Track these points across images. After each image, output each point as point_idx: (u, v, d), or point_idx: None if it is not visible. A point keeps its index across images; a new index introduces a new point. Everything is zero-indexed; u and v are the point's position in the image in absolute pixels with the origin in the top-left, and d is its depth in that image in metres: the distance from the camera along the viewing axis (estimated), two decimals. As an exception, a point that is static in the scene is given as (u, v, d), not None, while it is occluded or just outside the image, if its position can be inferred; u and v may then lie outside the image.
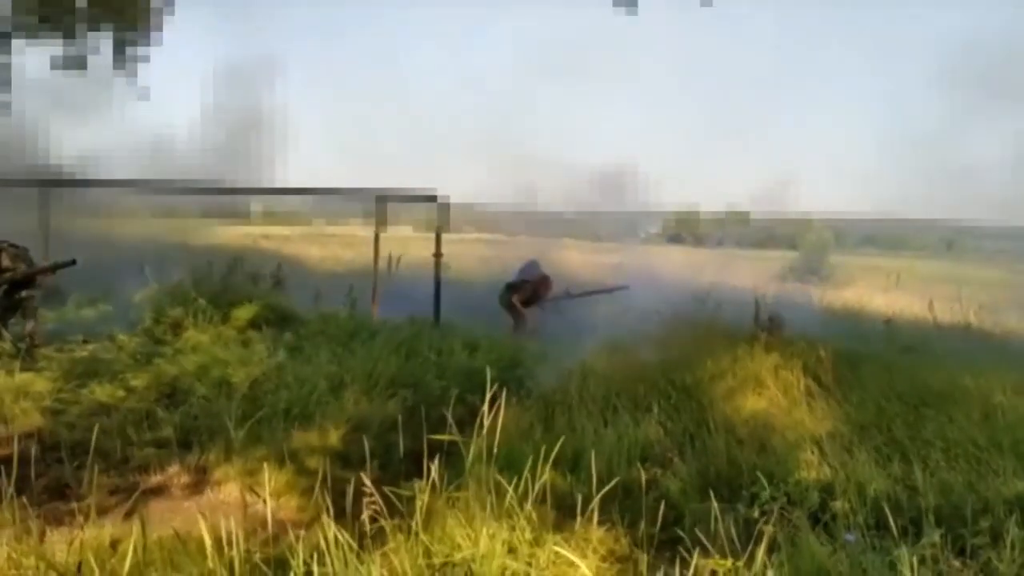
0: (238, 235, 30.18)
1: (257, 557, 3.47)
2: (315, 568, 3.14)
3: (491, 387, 4.58)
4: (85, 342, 9.59)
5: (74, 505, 5.00)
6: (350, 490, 3.78)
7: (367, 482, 3.62)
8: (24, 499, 4.57)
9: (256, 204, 48.02)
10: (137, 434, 6.51)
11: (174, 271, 12.69)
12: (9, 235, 9.88)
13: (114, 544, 4.03)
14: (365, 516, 3.57)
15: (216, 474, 5.92)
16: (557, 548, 3.35)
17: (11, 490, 4.40)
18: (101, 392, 7.38)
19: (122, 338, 9.21)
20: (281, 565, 3.36)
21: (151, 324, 9.92)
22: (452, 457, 4.67)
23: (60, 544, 4.06)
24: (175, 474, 5.92)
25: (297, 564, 3.16)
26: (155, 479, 5.86)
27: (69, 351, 8.88)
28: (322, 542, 3.28)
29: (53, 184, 15.16)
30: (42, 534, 4.38)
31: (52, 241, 13.50)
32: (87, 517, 4.49)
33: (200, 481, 5.89)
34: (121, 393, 7.42)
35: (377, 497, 3.66)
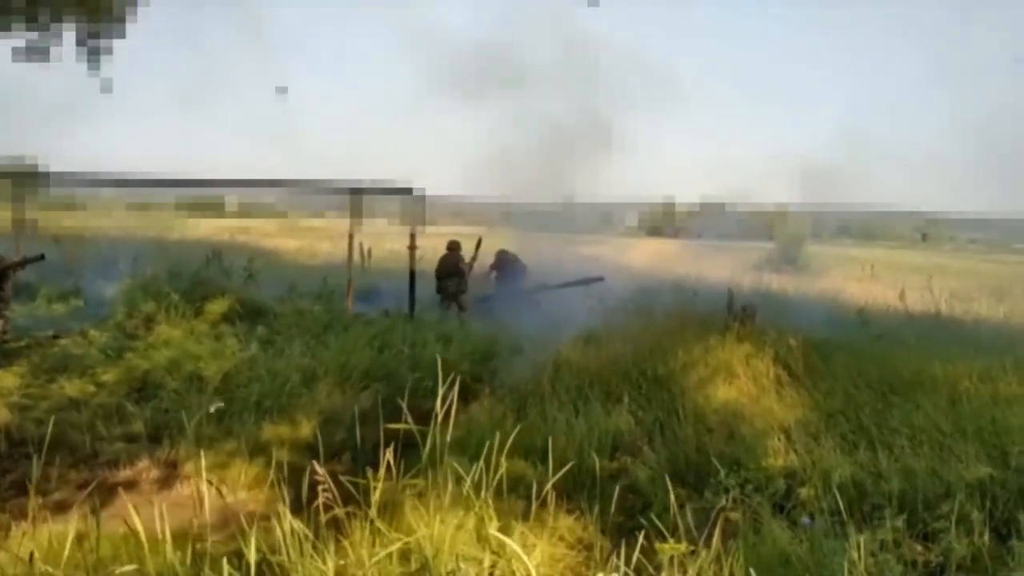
0: (214, 229, 30.04)
1: (220, 550, 3.47)
2: (270, 558, 3.15)
3: (459, 379, 4.56)
4: (56, 337, 9.53)
5: (41, 500, 4.95)
6: (305, 481, 3.77)
7: (320, 471, 3.60)
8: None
9: (231, 197, 47.95)
10: (107, 429, 6.49)
11: (148, 265, 12.63)
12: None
13: (80, 539, 4.01)
14: (320, 504, 3.56)
15: (186, 468, 5.89)
16: (497, 534, 3.35)
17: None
18: (70, 387, 7.35)
19: (93, 333, 9.15)
20: (242, 557, 3.35)
21: (123, 319, 9.86)
22: (423, 449, 4.68)
23: (24, 539, 4.03)
24: (144, 468, 5.90)
25: (249, 554, 3.14)
26: (124, 474, 5.83)
27: (39, 346, 8.82)
28: (278, 533, 3.29)
29: (26, 177, 15.04)
30: (7, 529, 4.37)
31: (25, 235, 13.40)
32: (53, 512, 4.47)
33: (170, 475, 5.87)
34: (91, 388, 7.39)
35: (331, 487, 3.65)
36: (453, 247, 13.56)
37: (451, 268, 13.35)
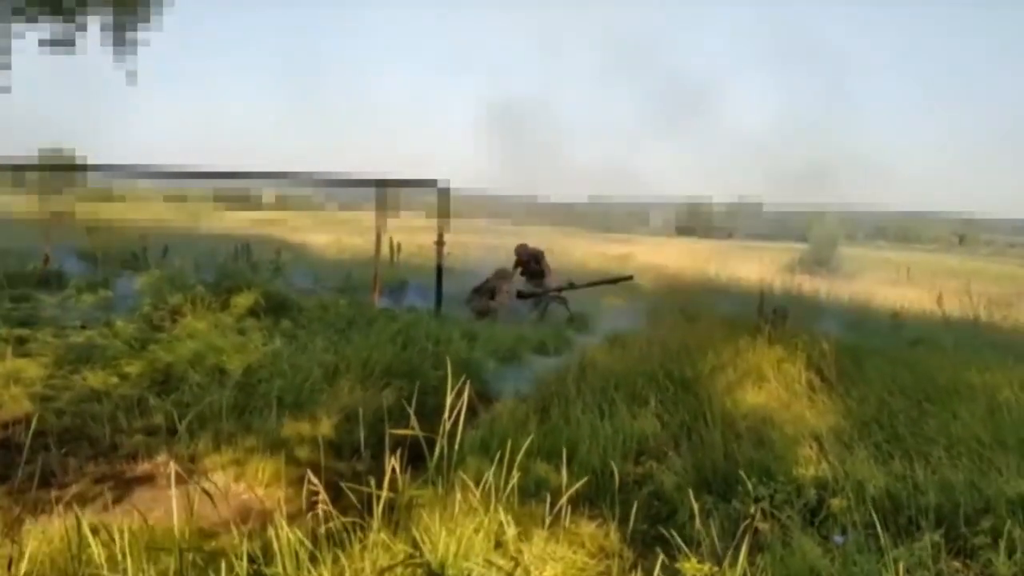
0: (247, 221, 30.22)
1: (212, 556, 3.37)
2: (264, 570, 3.05)
3: (482, 379, 4.45)
4: (83, 327, 9.55)
5: (55, 493, 4.90)
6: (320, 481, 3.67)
7: (314, 481, 3.49)
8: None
9: (267, 190, 48.20)
10: (127, 421, 6.44)
11: (177, 257, 12.68)
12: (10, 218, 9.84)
13: (96, 532, 3.94)
14: (320, 513, 3.43)
15: (205, 463, 5.82)
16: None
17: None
18: (93, 378, 7.31)
19: (119, 324, 9.13)
20: (257, 559, 3.26)
21: (149, 310, 9.84)
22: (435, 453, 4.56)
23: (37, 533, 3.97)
24: (163, 462, 5.83)
25: (240, 566, 3.04)
26: (142, 467, 5.77)
27: (65, 336, 8.82)
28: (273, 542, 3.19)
29: (58, 168, 15.16)
30: (21, 523, 4.32)
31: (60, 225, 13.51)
32: (67, 506, 4.41)
33: (188, 470, 5.79)
34: (114, 379, 7.34)
35: (326, 497, 3.53)
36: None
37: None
